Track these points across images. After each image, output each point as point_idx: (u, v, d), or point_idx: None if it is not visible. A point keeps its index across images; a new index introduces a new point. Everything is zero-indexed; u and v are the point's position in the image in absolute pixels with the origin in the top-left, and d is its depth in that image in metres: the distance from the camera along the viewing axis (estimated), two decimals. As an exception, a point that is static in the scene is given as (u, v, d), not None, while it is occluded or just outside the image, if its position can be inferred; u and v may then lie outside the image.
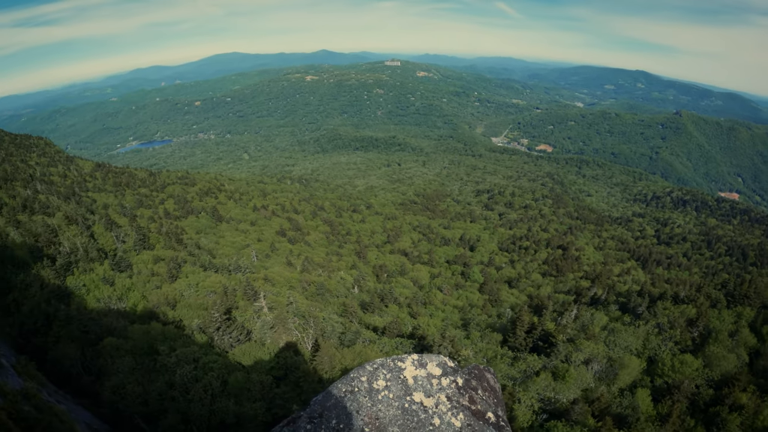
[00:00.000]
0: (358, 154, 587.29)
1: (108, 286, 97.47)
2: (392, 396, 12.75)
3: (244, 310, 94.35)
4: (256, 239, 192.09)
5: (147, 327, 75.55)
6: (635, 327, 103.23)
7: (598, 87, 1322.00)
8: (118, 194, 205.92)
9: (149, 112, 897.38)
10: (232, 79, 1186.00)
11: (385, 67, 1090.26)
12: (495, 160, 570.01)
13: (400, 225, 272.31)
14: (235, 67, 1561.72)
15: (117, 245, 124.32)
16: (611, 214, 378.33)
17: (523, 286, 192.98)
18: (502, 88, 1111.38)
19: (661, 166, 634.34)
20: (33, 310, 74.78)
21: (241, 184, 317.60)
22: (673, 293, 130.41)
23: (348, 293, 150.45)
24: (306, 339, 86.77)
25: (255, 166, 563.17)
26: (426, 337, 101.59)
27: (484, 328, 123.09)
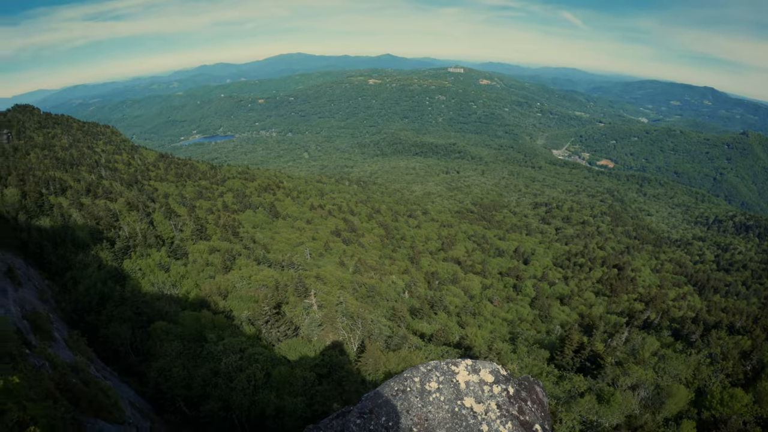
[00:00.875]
0: (418, 160, 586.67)
1: (163, 271, 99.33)
2: (443, 399, 12.74)
3: (294, 306, 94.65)
4: (310, 237, 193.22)
5: (197, 314, 76.46)
6: (686, 355, 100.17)
7: (663, 102, 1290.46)
8: (179, 185, 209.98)
9: (213, 108, 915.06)
10: (295, 78, 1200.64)
11: (448, 73, 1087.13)
12: (555, 173, 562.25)
13: (455, 233, 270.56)
14: (299, 68, 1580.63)
15: (175, 233, 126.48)
16: (670, 236, 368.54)
17: (575, 304, 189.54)
18: (565, 99, 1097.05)
19: (725, 188, 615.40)
20: (89, 289, 76.55)
21: (300, 182, 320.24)
22: (728, 323, 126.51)
23: (398, 297, 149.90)
24: (352, 339, 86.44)
25: (314, 165, 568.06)
26: (472, 348, 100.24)
27: (532, 344, 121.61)
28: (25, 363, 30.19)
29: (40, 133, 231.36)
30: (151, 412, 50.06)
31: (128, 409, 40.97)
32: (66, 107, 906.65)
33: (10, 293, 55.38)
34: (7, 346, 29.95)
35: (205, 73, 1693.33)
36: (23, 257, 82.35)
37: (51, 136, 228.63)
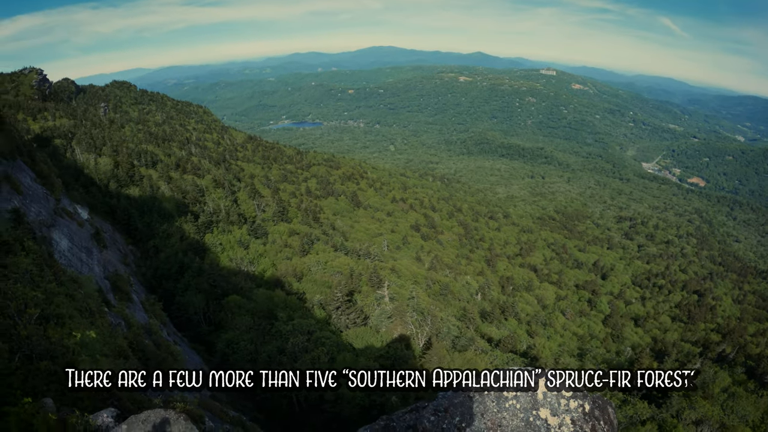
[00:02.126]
0: (503, 161, 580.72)
1: (242, 248, 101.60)
2: (519, 406, 12.49)
3: (366, 295, 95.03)
4: (389, 230, 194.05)
5: (271, 293, 77.80)
6: (758, 396, 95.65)
7: (763, 121, 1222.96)
8: (265, 167, 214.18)
9: (303, 95, 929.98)
10: (386, 71, 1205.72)
11: (540, 75, 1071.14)
12: (642, 187, 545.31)
13: (534, 239, 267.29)
14: (390, 61, 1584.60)
15: (257, 213, 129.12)
16: (758, 266, 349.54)
17: (649, 327, 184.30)
18: (659, 110, 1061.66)
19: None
20: (170, 258, 79.13)
21: (384, 174, 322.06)
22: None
23: (470, 299, 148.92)
24: (420, 335, 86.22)
25: (399, 158, 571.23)
26: (539, 359, 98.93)
27: (600, 363, 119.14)
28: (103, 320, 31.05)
29: (136, 108, 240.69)
30: (214, 381, 51.05)
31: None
32: (161, 86, 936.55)
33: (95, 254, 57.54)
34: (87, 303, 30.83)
35: (297, 61, 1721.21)
36: (111, 222, 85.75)
37: (146, 111, 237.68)
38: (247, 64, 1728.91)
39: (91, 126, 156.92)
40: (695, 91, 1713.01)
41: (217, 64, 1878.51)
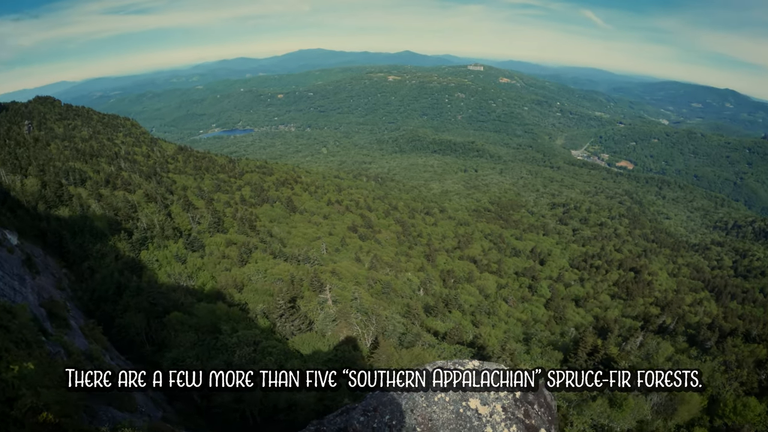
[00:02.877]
0: (436, 157, 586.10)
1: (180, 263, 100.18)
2: (448, 399, 12.76)
3: (309, 300, 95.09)
4: (327, 233, 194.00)
5: (213, 306, 77.17)
6: (701, 362, 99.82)
7: (684, 104, 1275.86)
8: (198, 177, 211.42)
9: (233, 102, 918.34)
10: (315, 74, 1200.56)
11: (468, 71, 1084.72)
12: (573, 174, 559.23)
13: (471, 231, 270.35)
14: (319, 63, 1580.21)
15: (192, 226, 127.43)
16: (689, 240, 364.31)
17: (590, 306, 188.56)
18: (585, 99, 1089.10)
19: (745, 193, 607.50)
20: (106, 279, 77.46)
21: (318, 177, 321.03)
22: (744, 330, 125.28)
23: (413, 295, 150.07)
24: (366, 335, 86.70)
25: (333, 161, 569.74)
26: (486, 348, 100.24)
27: (546, 345, 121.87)
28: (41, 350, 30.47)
29: (61, 124, 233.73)
30: (164, 401, 50.55)
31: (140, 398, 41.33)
32: (87, 99, 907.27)
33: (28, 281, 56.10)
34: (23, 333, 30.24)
35: (225, 67, 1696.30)
36: (42, 246, 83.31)
37: (71, 127, 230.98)
38: (175, 72, 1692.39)
39: (15, 145, 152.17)
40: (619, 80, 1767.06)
41: (144, 73, 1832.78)
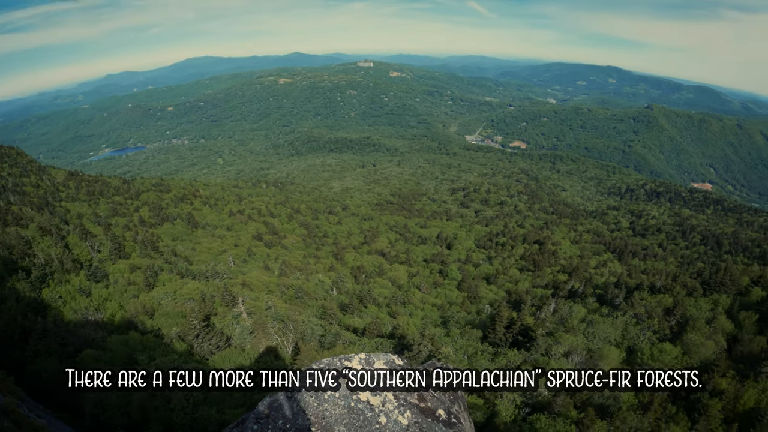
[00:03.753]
0: (333, 156, 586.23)
1: (85, 297, 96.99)
2: (338, 395, 12.88)
3: (223, 316, 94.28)
4: (232, 244, 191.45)
5: (125, 337, 75.44)
6: (613, 318, 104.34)
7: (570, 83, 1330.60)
8: (92, 203, 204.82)
9: (122, 119, 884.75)
10: (204, 83, 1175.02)
11: (358, 68, 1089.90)
12: (469, 158, 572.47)
13: (376, 225, 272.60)
14: (208, 71, 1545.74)
15: (92, 255, 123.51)
16: (586, 208, 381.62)
17: (501, 282, 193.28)
18: (475, 86, 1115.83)
19: (634, 159, 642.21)
20: (9, 324, 74.34)
21: (216, 189, 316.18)
22: (649, 283, 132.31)
23: (327, 295, 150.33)
24: (286, 343, 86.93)
25: (230, 170, 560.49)
26: (406, 336, 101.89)
27: (464, 325, 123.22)
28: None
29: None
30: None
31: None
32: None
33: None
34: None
35: (111, 83, 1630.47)
36: (-67, 298, 79.62)
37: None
38: (60, 92, 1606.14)
39: None
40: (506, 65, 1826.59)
41: (27, 96, 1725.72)
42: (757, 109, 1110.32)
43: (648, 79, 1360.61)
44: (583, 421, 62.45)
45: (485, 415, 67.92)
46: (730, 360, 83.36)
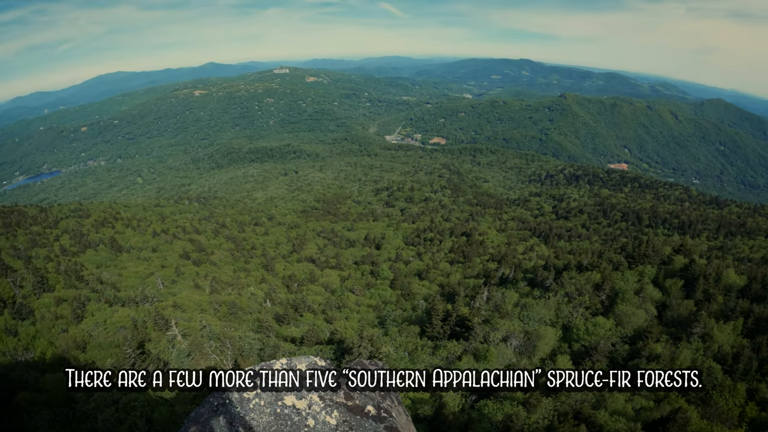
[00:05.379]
0: (255, 166, 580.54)
1: (11, 336, 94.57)
2: (263, 402, 12.76)
3: (158, 341, 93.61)
4: (159, 266, 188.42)
5: (60, 375, 74.25)
6: (546, 299, 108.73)
7: (485, 78, 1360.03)
8: (10, 235, 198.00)
9: (34, 143, 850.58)
10: (118, 100, 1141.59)
11: (274, 75, 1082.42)
12: (391, 158, 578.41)
13: (303, 233, 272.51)
14: (121, 87, 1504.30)
15: (15, 291, 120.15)
16: (509, 197, 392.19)
17: (433, 277, 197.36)
18: (391, 86, 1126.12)
19: (551, 146, 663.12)
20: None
21: (138, 209, 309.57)
22: (576, 263, 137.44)
23: (261, 308, 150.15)
24: (225, 361, 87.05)
25: (150, 189, 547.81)
26: (345, 341, 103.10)
27: (401, 323, 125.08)
28: None
29: None
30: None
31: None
32: None
33: None
34: None
35: (20, 106, 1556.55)
36: None
37: None
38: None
39: None
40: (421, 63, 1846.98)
41: None
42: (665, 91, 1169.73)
43: (560, 69, 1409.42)
44: (529, 401, 65.33)
45: (433, 408, 70.10)
46: (662, 326, 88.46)
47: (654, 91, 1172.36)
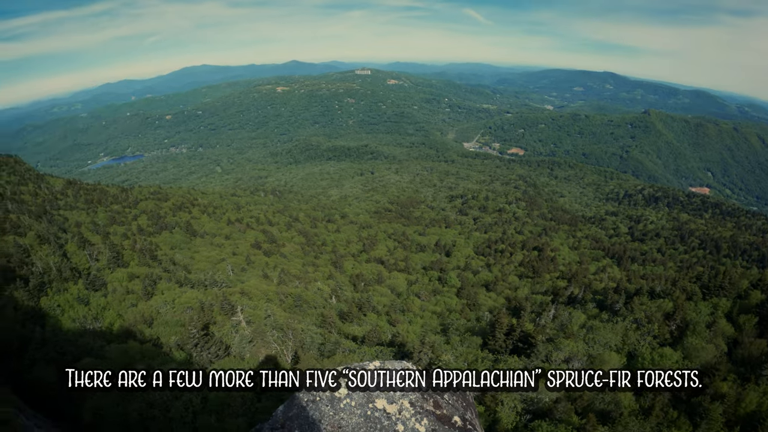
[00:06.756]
0: (331, 164, 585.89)
1: (83, 305, 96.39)
2: (354, 404, 12.65)
3: (222, 325, 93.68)
4: (231, 253, 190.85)
5: (124, 346, 74.81)
6: (613, 324, 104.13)
7: (566, 89, 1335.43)
8: (90, 211, 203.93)
9: (120, 127, 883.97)
10: (202, 92, 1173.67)
11: (356, 76, 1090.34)
12: (467, 165, 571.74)
13: (375, 233, 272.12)
14: (206, 80, 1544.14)
15: (91, 264, 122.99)
16: (585, 214, 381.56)
17: (500, 289, 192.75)
18: (472, 93, 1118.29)
19: (631, 164, 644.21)
20: (6, 333, 73.64)
21: (215, 197, 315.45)
22: (649, 288, 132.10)
23: (326, 304, 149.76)
24: (285, 351, 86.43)
25: (228, 179, 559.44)
26: (406, 344, 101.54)
27: (464, 333, 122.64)
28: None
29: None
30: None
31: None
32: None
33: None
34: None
35: (109, 92, 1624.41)
36: (-68, 306, 79.01)
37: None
38: (56, 101, 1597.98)
39: None
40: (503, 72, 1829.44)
41: (22, 105, 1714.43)
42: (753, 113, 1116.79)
43: (644, 84, 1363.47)
44: (584, 427, 62.10)
45: (486, 423, 67.48)
46: (731, 363, 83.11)
47: (742, 113, 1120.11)
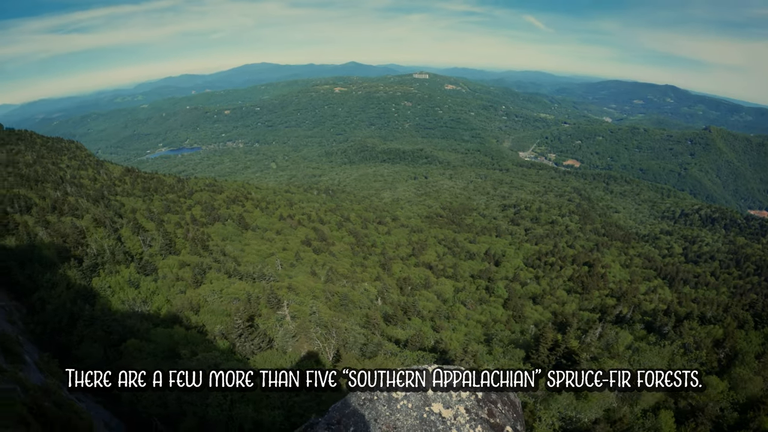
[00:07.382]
0: (385, 166, 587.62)
1: (133, 288, 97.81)
2: (411, 406, 12.61)
3: (267, 318, 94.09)
4: (281, 248, 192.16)
5: (170, 330, 75.55)
6: (660, 347, 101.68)
7: (626, 102, 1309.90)
8: (146, 199, 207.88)
9: (179, 120, 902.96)
10: (261, 89, 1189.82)
11: (413, 79, 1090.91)
12: (522, 175, 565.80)
13: (425, 238, 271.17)
14: (265, 78, 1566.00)
15: (143, 249, 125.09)
16: (638, 231, 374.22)
17: (547, 303, 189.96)
18: (529, 102, 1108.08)
19: (689, 182, 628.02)
20: (58, 310, 75.03)
21: (268, 193, 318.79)
22: (699, 313, 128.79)
23: (371, 305, 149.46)
24: (327, 349, 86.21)
25: (282, 175, 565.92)
26: (448, 351, 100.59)
27: (507, 344, 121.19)
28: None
29: (3, 149, 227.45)
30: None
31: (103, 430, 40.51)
32: (29, 122, 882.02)
33: (-23, 317, 54.44)
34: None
35: (170, 85, 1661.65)
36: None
37: (15, 152, 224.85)
38: (119, 92, 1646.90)
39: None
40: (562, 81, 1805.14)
41: (86, 94, 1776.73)
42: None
43: (706, 99, 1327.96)
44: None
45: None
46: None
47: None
